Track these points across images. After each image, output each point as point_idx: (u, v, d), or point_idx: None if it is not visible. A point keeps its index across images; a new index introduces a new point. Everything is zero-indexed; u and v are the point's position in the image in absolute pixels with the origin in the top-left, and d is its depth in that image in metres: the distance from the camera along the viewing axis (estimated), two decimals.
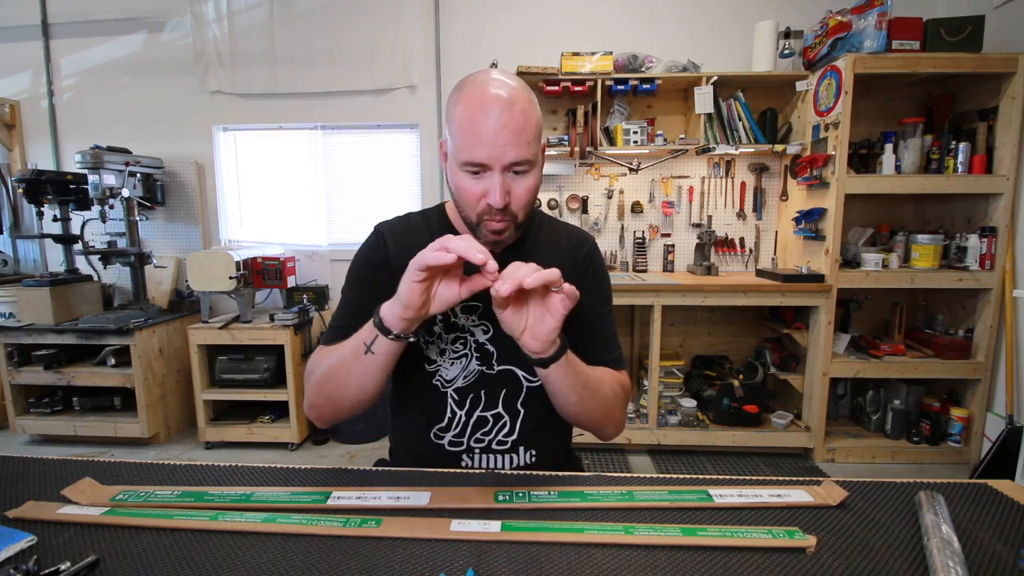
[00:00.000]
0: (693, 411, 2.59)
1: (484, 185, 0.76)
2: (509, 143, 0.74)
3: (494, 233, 0.80)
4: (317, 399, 0.81)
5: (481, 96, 0.74)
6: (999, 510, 0.68)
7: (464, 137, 0.75)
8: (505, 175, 0.76)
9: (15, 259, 3.22)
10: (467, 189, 0.78)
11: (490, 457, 0.90)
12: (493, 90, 0.75)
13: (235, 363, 2.67)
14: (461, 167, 0.77)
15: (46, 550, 0.59)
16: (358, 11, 2.84)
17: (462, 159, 0.76)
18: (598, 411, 0.82)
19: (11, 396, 2.68)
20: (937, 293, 2.60)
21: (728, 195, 2.88)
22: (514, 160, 0.75)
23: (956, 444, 2.46)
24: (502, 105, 0.73)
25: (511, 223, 0.80)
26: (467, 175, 0.77)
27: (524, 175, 0.78)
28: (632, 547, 0.60)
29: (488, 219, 0.79)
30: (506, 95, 0.74)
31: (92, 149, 2.58)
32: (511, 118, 0.73)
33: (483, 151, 0.74)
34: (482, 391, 0.89)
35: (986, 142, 2.35)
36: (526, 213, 0.82)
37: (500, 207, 0.76)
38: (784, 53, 2.59)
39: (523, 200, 0.79)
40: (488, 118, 0.73)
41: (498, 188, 0.75)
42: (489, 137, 0.73)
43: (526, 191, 0.79)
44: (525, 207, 0.81)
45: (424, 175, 3.01)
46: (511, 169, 0.76)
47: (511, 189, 0.77)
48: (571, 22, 2.83)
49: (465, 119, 0.74)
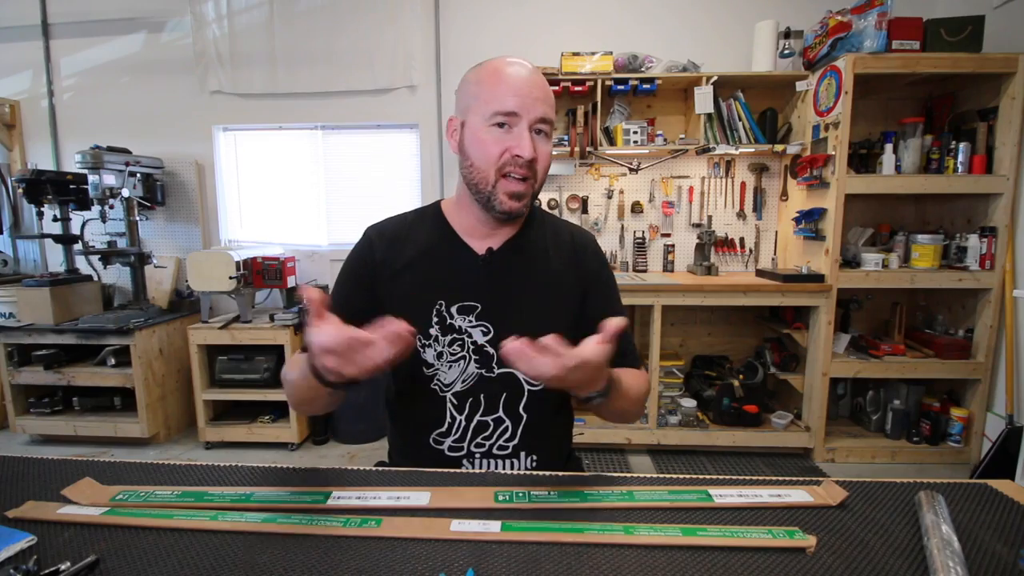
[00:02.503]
0: (693, 411, 2.59)
1: (511, 139, 0.77)
2: (539, 98, 0.77)
3: (512, 197, 0.80)
4: (292, 401, 0.85)
5: (508, 60, 0.80)
6: (999, 510, 0.68)
7: (494, 88, 0.77)
8: (531, 131, 0.78)
9: (15, 259, 3.22)
10: (490, 144, 0.78)
11: (491, 462, 0.88)
12: (519, 59, 0.81)
13: (235, 363, 2.67)
14: (488, 120, 0.77)
15: (46, 550, 0.59)
16: (358, 11, 2.84)
17: (492, 110, 0.77)
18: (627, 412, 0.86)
19: (11, 396, 2.68)
20: (937, 293, 2.60)
21: (728, 195, 2.88)
22: (542, 116, 0.77)
23: (956, 444, 2.46)
24: (524, 67, 0.79)
25: (531, 187, 0.80)
26: (492, 130, 0.78)
27: (546, 137, 0.79)
28: (632, 547, 0.60)
29: (510, 175, 0.78)
30: (525, 62, 0.81)
31: (92, 149, 2.57)
32: (537, 79, 0.78)
33: (514, 100, 0.76)
34: (482, 395, 0.87)
35: (986, 142, 2.35)
36: (542, 180, 0.83)
37: (529, 158, 0.76)
38: (784, 53, 2.59)
39: (545, 162, 0.81)
40: (519, 74, 0.78)
41: (528, 138, 0.76)
42: (523, 87, 0.76)
43: (547, 154, 0.81)
44: (545, 171, 0.82)
45: (424, 175, 3.01)
46: (536, 125, 0.78)
47: (536, 146, 0.78)
48: (571, 22, 2.83)
49: (493, 75, 0.78)
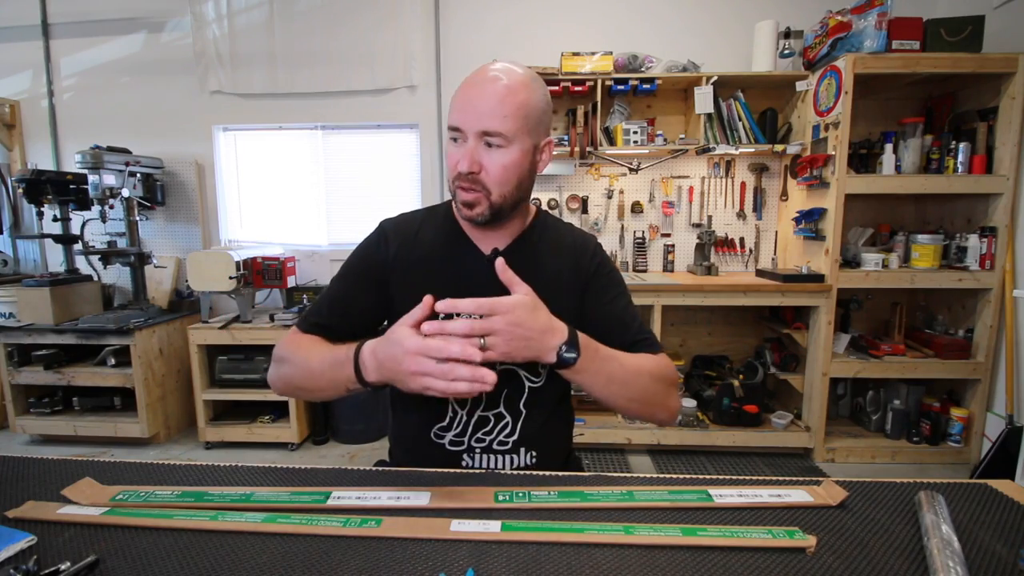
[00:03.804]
0: (693, 411, 2.59)
1: (459, 152, 0.80)
2: (484, 112, 0.77)
3: (465, 206, 0.82)
4: (279, 383, 0.85)
5: (481, 71, 0.81)
6: (999, 510, 0.68)
7: (453, 101, 0.81)
8: (478, 144, 0.79)
9: (15, 259, 3.22)
10: (449, 155, 0.82)
11: (491, 457, 0.89)
12: (489, 69, 0.80)
13: (235, 363, 2.67)
14: (448, 134, 0.82)
15: (46, 550, 0.59)
16: (358, 11, 2.84)
17: (448, 124, 0.81)
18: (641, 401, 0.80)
19: (11, 396, 2.68)
20: (937, 293, 2.60)
21: (728, 195, 2.88)
22: (485, 129, 0.77)
23: (956, 444, 2.46)
24: (488, 79, 0.79)
25: (482, 196, 0.81)
26: (451, 143, 0.82)
27: (498, 149, 0.79)
28: (632, 547, 0.60)
29: (459, 186, 0.82)
30: (496, 73, 0.79)
31: (92, 149, 2.57)
32: (493, 90, 0.78)
33: (459, 115, 0.79)
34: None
35: (986, 142, 2.35)
36: (502, 192, 0.81)
37: (465, 171, 0.79)
38: (784, 53, 2.59)
39: (496, 175, 0.80)
40: (472, 88, 0.79)
41: (467, 153, 0.78)
42: (467, 103, 0.78)
43: (499, 166, 0.79)
44: (499, 183, 0.81)
45: (424, 175, 3.00)
46: (483, 139, 0.79)
47: (482, 159, 0.79)
48: (571, 22, 2.83)
49: (459, 89, 0.81)
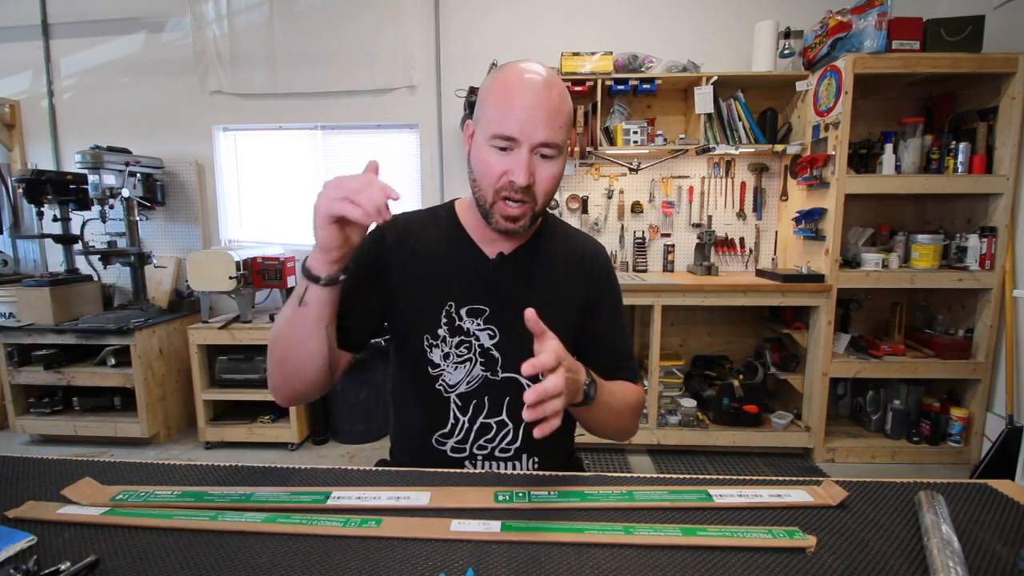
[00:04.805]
0: (693, 411, 2.59)
1: (509, 162, 0.75)
2: (542, 122, 0.74)
3: (507, 219, 0.79)
4: (271, 366, 0.81)
5: (522, 73, 0.76)
6: (999, 510, 0.68)
7: (498, 109, 0.75)
8: (532, 155, 0.75)
9: (15, 259, 3.21)
10: (491, 164, 0.76)
11: (493, 464, 0.89)
12: (535, 71, 0.77)
13: (235, 363, 2.67)
14: (489, 141, 0.76)
15: (46, 550, 0.59)
16: (358, 11, 2.84)
17: (492, 131, 0.75)
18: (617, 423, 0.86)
19: (11, 396, 2.68)
20: (937, 293, 2.60)
21: (728, 195, 2.88)
22: (544, 140, 0.74)
23: (956, 444, 2.46)
24: (541, 84, 0.75)
25: (529, 209, 0.79)
26: (493, 150, 0.76)
27: (550, 160, 0.77)
28: (632, 547, 0.60)
29: (506, 199, 0.77)
30: (546, 77, 0.76)
31: (92, 149, 2.57)
32: (548, 98, 0.74)
33: (515, 125, 0.73)
34: (486, 397, 0.87)
35: (986, 142, 2.35)
36: (545, 202, 0.80)
37: (523, 185, 0.75)
38: (784, 53, 2.59)
39: (546, 186, 0.78)
40: (526, 92, 0.74)
41: (524, 165, 0.74)
42: (524, 112, 0.73)
43: (550, 177, 0.78)
44: (547, 194, 0.79)
45: (424, 175, 3.00)
46: (538, 150, 0.75)
47: (536, 171, 0.76)
48: (571, 22, 2.83)
49: (503, 92, 0.75)
